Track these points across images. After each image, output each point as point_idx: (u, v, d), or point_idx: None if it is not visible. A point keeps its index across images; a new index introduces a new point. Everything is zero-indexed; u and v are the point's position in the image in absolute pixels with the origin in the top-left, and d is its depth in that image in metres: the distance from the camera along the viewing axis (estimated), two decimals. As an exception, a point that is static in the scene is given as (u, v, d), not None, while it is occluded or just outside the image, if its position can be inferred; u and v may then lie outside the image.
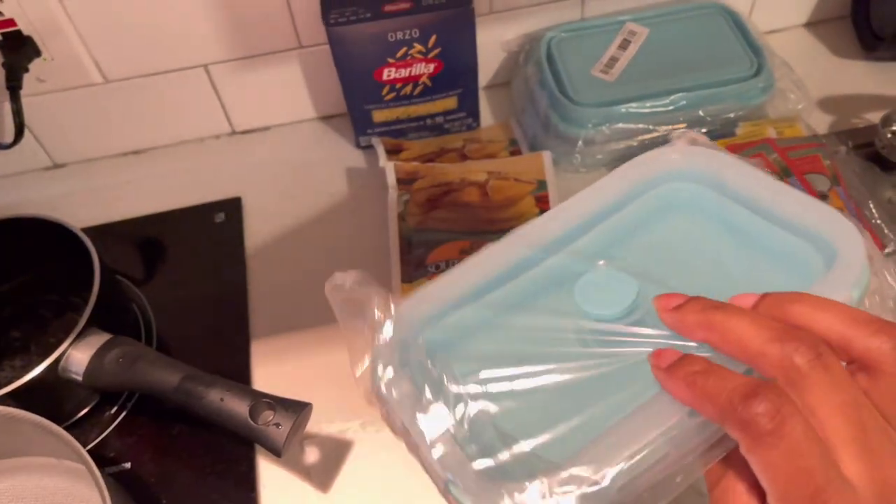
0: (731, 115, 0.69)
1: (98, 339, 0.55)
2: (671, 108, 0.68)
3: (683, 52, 0.71)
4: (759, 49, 0.70)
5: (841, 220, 0.34)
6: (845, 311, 0.27)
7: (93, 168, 0.78)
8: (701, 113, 0.68)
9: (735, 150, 0.66)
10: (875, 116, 0.72)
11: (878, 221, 0.64)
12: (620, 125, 0.68)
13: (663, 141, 0.68)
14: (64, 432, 0.49)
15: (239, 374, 0.62)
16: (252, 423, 0.48)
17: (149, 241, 0.72)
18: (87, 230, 0.60)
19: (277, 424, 0.48)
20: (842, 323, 0.27)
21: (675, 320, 0.30)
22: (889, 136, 0.68)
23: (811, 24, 0.84)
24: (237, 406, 0.49)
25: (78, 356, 0.54)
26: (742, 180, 0.37)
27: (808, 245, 0.35)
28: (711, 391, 0.26)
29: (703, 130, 0.69)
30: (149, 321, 0.66)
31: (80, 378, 0.54)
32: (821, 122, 0.74)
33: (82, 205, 0.75)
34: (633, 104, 0.67)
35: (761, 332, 0.27)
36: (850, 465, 0.24)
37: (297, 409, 0.49)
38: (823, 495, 0.23)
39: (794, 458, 0.24)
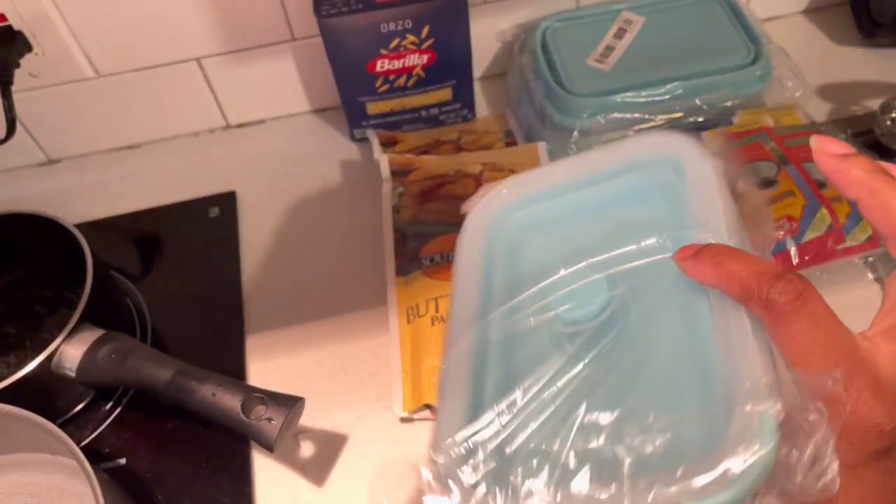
0: (728, 103, 0.68)
1: (91, 335, 0.55)
2: (667, 97, 0.67)
3: (680, 40, 0.70)
4: (757, 37, 0.70)
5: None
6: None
7: (87, 163, 0.78)
8: (697, 102, 0.67)
9: (733, 138, 0.66)
10: (874, 103, 0.71)
11: (877, 209, 0.63)
12: (616, 115, 0.67)
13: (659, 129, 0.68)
14: (56, 429, 0.49)
15: (234, 369, 0.62)
16: (244, 417, 0.48)
17: (143, 236, 0.72)
18: (81, 226, 0.60)
19: (269, 419, 0.48)
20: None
21: (690, 266, 0.31)
22: (888, 123, 0.68)
23: (809, 11, 0.83)
24: (229, 401, 0.49)
25: (71, 352, 0.54)
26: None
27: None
28: (737, 272, 0.28)
29: (700, 119, 0.68)
30: (143, 316, 0.66)
31: (73, 374, 0.53)
32: (819, 110, 0.74)
33: (77, 200, 0.75)
34: (629, 94, 0.67)
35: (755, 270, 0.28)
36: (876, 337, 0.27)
37: (290, 404, 0.49)
38: (846, 362, 0.25)
39: (816, 330, 0.26)
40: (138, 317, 0.66)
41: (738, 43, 0.70)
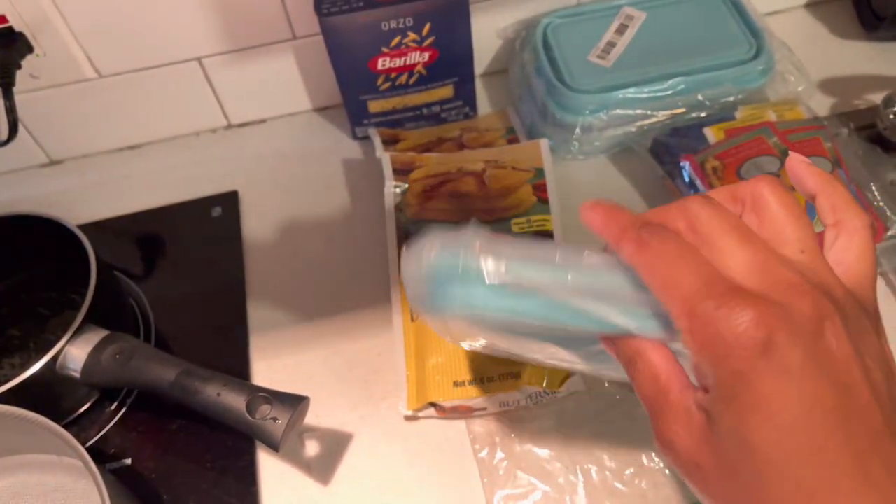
0: (731, 98, 0.68)
1: (95, 336, 0.55)
2: (670, 92, 0.67)
3: (681, 35, 0.70)
4: (759, 31, 0.70)
5: None
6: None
7: (89, 164, 0.78)
8: (700, 97, 0.67)
9: (735, 133, 0.66)
10: (877, 97, 0.71)
11: (881, 203, 0.63)
12: (618, 111, 0.67)
13: (661, 126, 0.68)
14: (62, 430, 0.49)
15: (238, 368, 0.62)
16: (249, 417, 0.48)
17: (146, 236, 0.72)
18: (84, 226, 0.60)
19: (274, 419, 0.48)
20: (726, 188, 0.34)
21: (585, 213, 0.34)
22: (891, 116, 0.68)
23: (811, 5, 0.83)
24: (234, 401, 0.49)
25: (75, 353, 0.54)
26: None
27: None
28: (618, 217, 0.32)
29: (703, 114, 0.68)
30: (147, 317, 0.66)
31: (77, 375, 0.53)
32: (822, 104, 0.74)
33: (79, 201, 0.75)
34: (631, 90, 0.67)
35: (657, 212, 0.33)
36: (731, 255, 0.29)
37: (294, 403, 0.49)
38: (703, 272, 0.29)
39: (679, 258, 0.29)
40: (142, 317, 0.66)
41: (740, 37, 0.70)
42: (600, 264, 0.33)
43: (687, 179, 0.64)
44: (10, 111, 0.64)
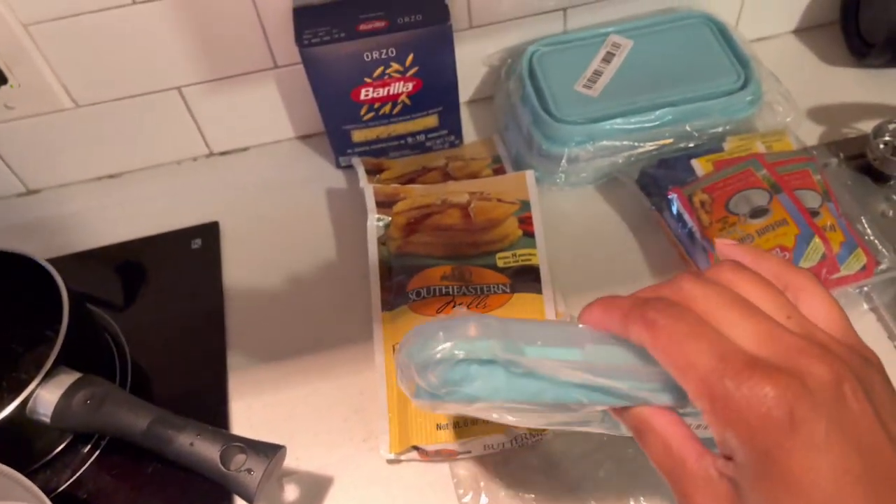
0: (719, 129, 0.67)
1: (67, 379, 0.53)
2: (657, 123, 0.66)
3: (669, 64, 0.69)
4: (746, 60, 0.69)
5: None
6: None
7: (67, 193, 0.76)
8: (687, 128, 0.66)
9: (723, 165, 0.65)
10: (866, 125, 0.70)
11: (872, 238, 0.62)
12: (605, 142, 0.66)
13: (649, 157, 0.67)
14: (26, 480, 0.47)
15: (216, 407, 0.60)
16: (223, 469, 0.46)
17: (124, 268, 0.70)
18: (61, 258, 0.59)
19: (249, 470, 0.46)
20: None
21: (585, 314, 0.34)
22: (881, 147, 0.67)
23: (800, 31, 0.82)
24: (207, 450, 0.47)
25: (46, 397, 0.52)
26: None
27: None
28: (615, 303, 0.32)
29: (690, 145, 0.67)
30: (123, 351, 0.64)
31: (47, 420, 0.52)
32: (811, 133, 0.73)
33: (57, 231, 0.73)
34: (618, 120, 0.66)
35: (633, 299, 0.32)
36: (736, 328, 0.29)
37: (270, 454, 0.47)
38: (718, 348, 0.28)
39: (692, 337, 0.29)
40: (118, 352, 0.64)
41: (728, 67, 0.69)
42: (604, 341, 0.33)
43: (675, 212, 0.63)
44: (-17, 144, 0.63)
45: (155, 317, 0.67)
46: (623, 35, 0.72)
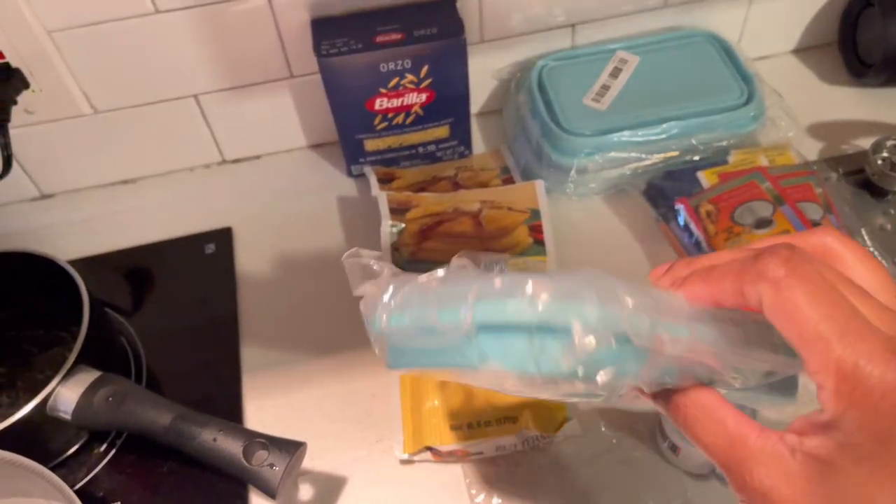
0: (724, 143, 0.69)
1: (87, 377, 0.54)
2: (663, 136, 0.68)
3: (674, 79, 0.72)
4: (750, 77, 0.71)
5: None
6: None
7: (81, 198, 0.77)
8: (693, 141, 0.68)
9: (728, 178, 0.66)
10: (864, 142, 0.72)
11: (872, 249, 0.64)
12: (613, 154, 0.68)
13: (655, 169, 0.69)
14: (51, 473, 0.48)
15: (230, 409, 0.61)
16: (246, 463, 0.47)
17: (138, 272, 0.71)
18: (75, 262, 0.60)
19: (272, 465, 0.47)
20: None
21: (671, 282, 0.32)
22: (879, 163, 0.69)
23: (799, 51, 0.84)
24: (231, 446, 0.48)
25: (67, 395, 0.53)
26: None
27: None
28: (725, 271, 0.28)
29: (696, 158, 0.69)
30: (138, 354, 0.65)
31: (68, 417, 0.53)
32: (811, 149, 0.75)
33: (70, 236, 0.74)
34: (626, 132, 0.68)
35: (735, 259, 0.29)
36: (866, 306, 0.26)
37: (292, 450, 0.48)
38: (853, 325, 0.25)
39: (824, 304, 0.26)
40: (133, 355, 0.65)
41: (732, 83, 0.71)
42: (702, 318, 0.29)
43: (682, 223, 0.65)
44: (5, 147, 0.64)
45: (169, 320, 0.68)
46: (630, 51, 0.74)
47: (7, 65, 0.63)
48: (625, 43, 0.75)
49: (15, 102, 0.64)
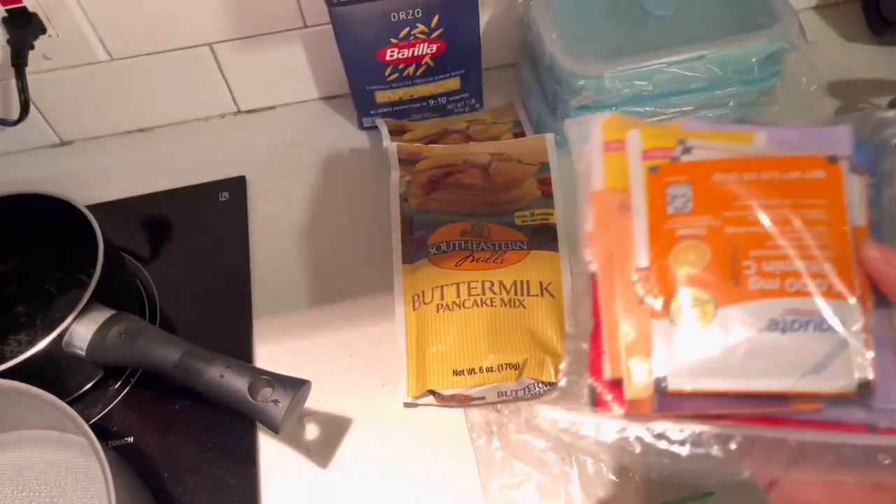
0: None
1: (101, 315, 0.55)
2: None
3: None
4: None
5: None
6: None
7: (98, 146, 0.79)
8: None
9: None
10: (882, 101, 0.71)
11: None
12: (630, 108, 0.67)
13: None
14: (66, 406, 0.50)
15: (241, 352, 0.63)
16: (251, 399, 0.49)
17: (153, 219, 0.73)
18: (91, 207, 0.61)
19: (276, 401, 0.48)
20: None
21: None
22: (896, 120, 0.68)
23: (820, 7, 0.83)
24: (236, 382, 0.50)
25: (81, 331, 0.54)
26: None
27: None
28: None
29: (709, 115, 0.68)
30: (152, 298, 0.67)
31: (83, 353, 0.54)
32: (828, 106, 0.74)
33: (87, 182, 0.76)
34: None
35: None
36: None
37: (296, 387, 0.50)
38: None
39: None
40: (147, 298, 0.66)
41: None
42: None
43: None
44: (22, 91, 0.65)
45: (183, 265, 0.69)
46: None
47: (24, 9, 0.63)
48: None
49: (32, 47, 0.65)
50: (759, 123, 0.34)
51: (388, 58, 0.68)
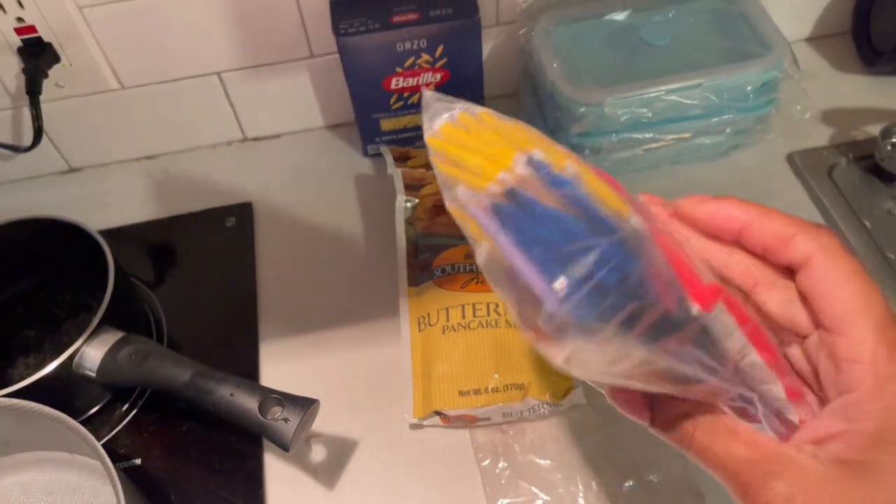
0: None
1: (111, 337, 0.56)
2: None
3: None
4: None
5: None
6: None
7: (107, 172, 0.80)
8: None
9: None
10: (875, 129, 0.73)
11: (874, 235, 0.65)
12: (628, 135, 0.69)
13: (666, 150, 0.70)
14: (81, 427, 0.50)
15: (248, 374, 0.63)
16: (261, 417, 0.49)
17: (161, 244, 0.74)
18: (99, 233, 0.62)
19: (286, 419, 0.49)
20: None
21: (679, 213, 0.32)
22: (888, 148, 0.70)
23: (812, 39, 0.85)
24: (247, 401, 0.50)
25: (92, 353, 0.55)
26: None
27: None
28: (782, 215, 0.30)
29: (707, 142, 0.70)
30: (160, 322, 0.67)
31: (93, 374, 0.55)
32: (822, 134, 0.76)
33: (95, 208, 0.77)
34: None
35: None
36: None
37: (305, 405, 0.50)
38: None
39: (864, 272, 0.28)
40: (155, 322, 0.67)
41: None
42: None
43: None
44: (36, 118, 0.66)
45: (190, 290, 0.70)
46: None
47: (39, 38, 0.65)
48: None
49: (46, 75, 0.66)
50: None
51: (393, 86, 0.70)
